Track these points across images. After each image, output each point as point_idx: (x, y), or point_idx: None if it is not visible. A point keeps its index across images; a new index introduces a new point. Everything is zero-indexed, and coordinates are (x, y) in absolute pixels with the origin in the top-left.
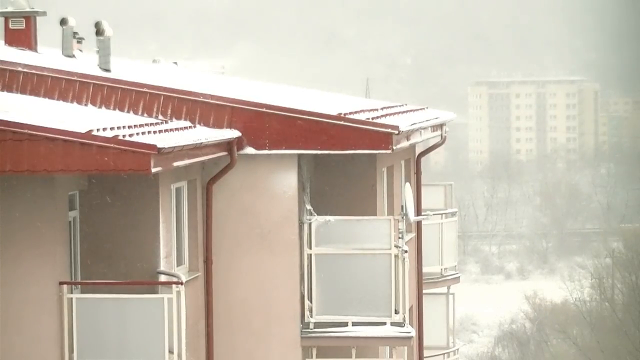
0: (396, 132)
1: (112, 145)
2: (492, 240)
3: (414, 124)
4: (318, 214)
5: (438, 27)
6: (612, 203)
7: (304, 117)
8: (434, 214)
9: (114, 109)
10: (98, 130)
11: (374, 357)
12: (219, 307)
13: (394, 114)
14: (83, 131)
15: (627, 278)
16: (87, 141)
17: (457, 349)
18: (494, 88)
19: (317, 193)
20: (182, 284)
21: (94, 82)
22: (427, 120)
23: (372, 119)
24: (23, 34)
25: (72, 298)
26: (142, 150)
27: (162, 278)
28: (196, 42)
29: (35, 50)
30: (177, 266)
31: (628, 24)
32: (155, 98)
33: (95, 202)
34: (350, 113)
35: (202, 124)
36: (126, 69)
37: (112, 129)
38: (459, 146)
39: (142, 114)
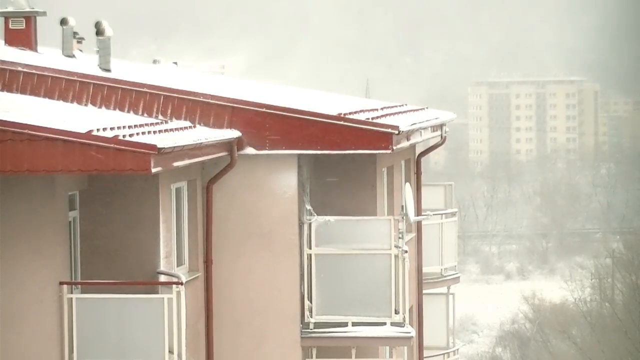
0: (396, 132)
1: (112, 145)
2: (492, 240)
3: (414, 124)
4: (318, 214)
5: (438, 27)
6: (612, 203)
7: (304, 117)
8: (434, 214)
9: (114, 109)
10: (98, 130)
11: (374, 357)
12: (219, 307)
13: (394, 114)
14: (83, 131)
15: (627, 278)
16: (87, 141)
17: (457, 349)
18: (494, 88)
19: (317, 193)
20: (182, 284)
21: (94, 82)
22: (427, 120)
23: (372, 119)
24: (23, 34)
25: (72, 298)
26: (142, 150)
27: (162, 278)
28: (196, 42)
29: (35, 50)
30: (177, 266)
31: (628, 24)
32: (155, 98)
33: (95, 202)
34: (350, 113)
35: (202, 124)
36: (126, 69)
37: (112, 129)
38: (459, 146)
39: (142, 114)
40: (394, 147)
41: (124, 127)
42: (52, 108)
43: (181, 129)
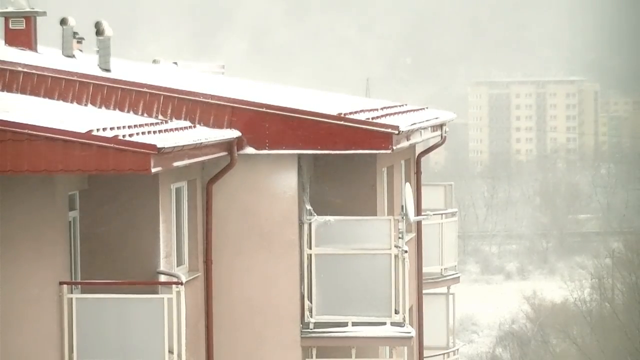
0: (396, 132)
1: (112, 145)
2: (492, 240)
3: (414, 124)
4: (318, 214)
5: (438, 27)
6: (612, 203)
7: (304, 117)
8: (434, 214)
9: (114, 109)
10: (98, 130)
11: (374, 357)
12: (219, 307)
13: (394, 114)
14: (83, 131)
15: (627, 278)
16: (87, 141)
17: (457, 349)
18: (494, 88)
19: (317, 193)
20: (182, 284)
21: (94, 82)
22: (427, 120)
23: (372, 119)
24: (23, 34)
25: (72, 298)
26: (142, 150)
27: (162, 278)
28: (196, 42)
29: (35, 50)
30: (177, 266)
31: (628, 24)
32: (155, 98)
33: (95, 202)
34: (350, 113)
35: (202, 124)
36: (126, 69)
37: (112, 129)
38: (459, 146)
39: (142, 114)
40: (394, 147)
41: (124, 127)
42: (52, 108)
43: (181, 129)
